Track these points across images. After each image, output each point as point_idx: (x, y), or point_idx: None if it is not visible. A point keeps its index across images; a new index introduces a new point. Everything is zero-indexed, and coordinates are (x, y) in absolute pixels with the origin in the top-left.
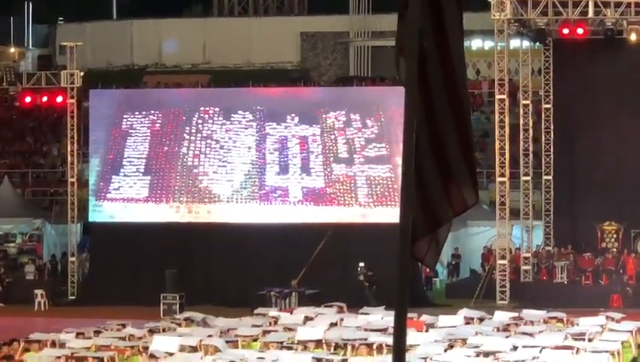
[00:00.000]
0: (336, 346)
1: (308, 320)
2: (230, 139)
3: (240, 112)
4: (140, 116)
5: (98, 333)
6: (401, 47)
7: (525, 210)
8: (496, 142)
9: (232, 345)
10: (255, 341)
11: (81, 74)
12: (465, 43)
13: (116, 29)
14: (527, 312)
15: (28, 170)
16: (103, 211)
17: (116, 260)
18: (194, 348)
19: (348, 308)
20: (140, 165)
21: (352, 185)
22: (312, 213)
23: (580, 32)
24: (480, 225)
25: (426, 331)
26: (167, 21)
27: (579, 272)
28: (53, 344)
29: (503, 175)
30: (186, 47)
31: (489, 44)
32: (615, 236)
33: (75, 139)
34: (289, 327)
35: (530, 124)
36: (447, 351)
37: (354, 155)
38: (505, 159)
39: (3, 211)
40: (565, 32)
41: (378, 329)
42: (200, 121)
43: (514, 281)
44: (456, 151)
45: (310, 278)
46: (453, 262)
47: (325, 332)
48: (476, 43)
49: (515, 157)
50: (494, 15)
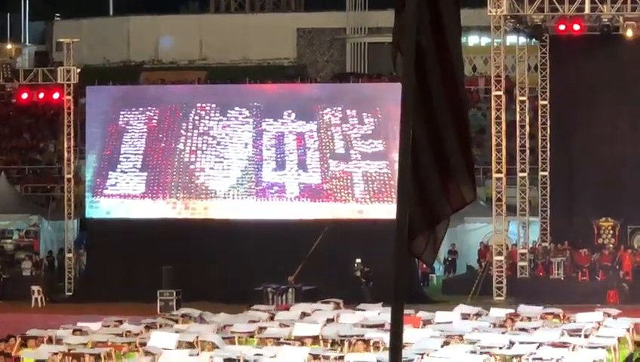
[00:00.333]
0: (333, 342)
1: (305, 316)
2: (227, 135)
3: (237, 108)
4: (137, 112)
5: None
6: (398, 43)
7: (522, 206)
8: (493, 139)
9: (229, 341)
10: (252, 337)
11: (78, 70)
12: (461, 39)
13: (113, 25)
14: (524, 308)
15: (25, 166)
16: (99, 207)
17: (113, 256)
18: (191, 344)
19: (344, 304)
20: (137, 161)
21: (349, 181)
22: (309, 209)
23: (577, 28)
24: (476, 221)
25: (423, 326)
26: (164, 17)
27: (575, 268)
28: (50, 340)
29: (499, 171)
30: (183, 44)
31: (485, 40)
32: (611, 232)
33: (72, 135)
34: (286, 324)
35: (527, 120)
36: (443, 346)
37: (350, 151)
38: (501, 155)
39: (0, 207)
40: (562, 28)
41: (375, 325)
42: (197, 118)
43: (510, 277)
44: (455, 148)
45: (307, 274)
46: (449, 258)
47: (322, 329)
48: (473, 39)
49: (512, 154)
50: (491, 11)
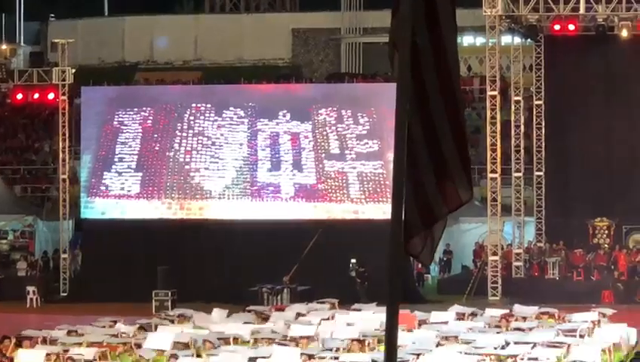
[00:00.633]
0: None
1: (300, 316)
2: (222, 135)
3: (232, 109)
4: (132, 113)
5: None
6: (395, 43)
7: (517, 206)
8: (488, 139)
9: (224, 341)
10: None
11: (73, 71)
12: (457, 39)
13: (108, 25)
14: (519, 308)
15: (20, 166)
16: (94, 208)
17: (108, 257)
18: (186, 345)
19: (339, 304)
20: (132, 162)
21: (344, 181)
22: (304, 209)
23: (572, 28)
24: (472, 221)
25: (419, 327)
26: (159, 18)
27: (570, 268)
28: (44, 341)
29: (494, 171)
30: (178, 44)
31: (480, 40)
32: (606, 232)
33: (67, 135)
34: (281, 324)
35: (522, 120)
36: (438, 346)
37: (345, 152)
38: (496, 155)
39: None
40: (557, 28)
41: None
42: (191, 118)
43: (505, 277)
44: (450, 148)
45: (302, 275)
46: (444, 258)
47: (317, 329)
48: (467, 39)
49: (507, 154)
50: (486, 11)
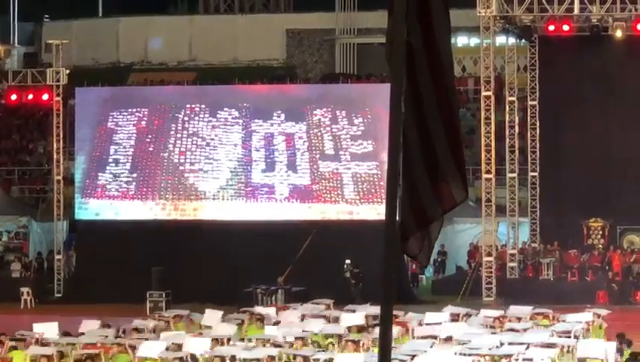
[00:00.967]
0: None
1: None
2: (216, 136)
3: (226, 109)
4: (126, 113)
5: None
6: (392, 43)
7: (511, 206)
8: (482, 139)
9: (218, 342)
10: (242, 339)
11: (67, 71)
12: (451, 40)
13: (102, 26)
14: (514, 309)
15: (14, 167)
16: (88, 209)
17: (102, 258)
18: (179, 346)
19: (334, 305)
20: (126, 163)
21: (339, 182)
22: (299, 210)
23: (566, 28)
24: (466, 221)
25: (412, 331)
26: (153, 18)
27: (565, 269)
28: (38, 341)
29: (489, 172)
30: (172, 45)
31: (475, 40)
32: (601, 232)
33: (61, 136)
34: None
35: (516, 120)
36: (432, 347)
37: (340, 152)
38: (491, 156)
39: None
40: (551, 28)
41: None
42: (186, 119)
43: (500, 278)
44: (445, 148)
45: (296, 275)
46: (439, 259)
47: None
48: (462, 40)
49: (501, 154)
50: (480, 12)
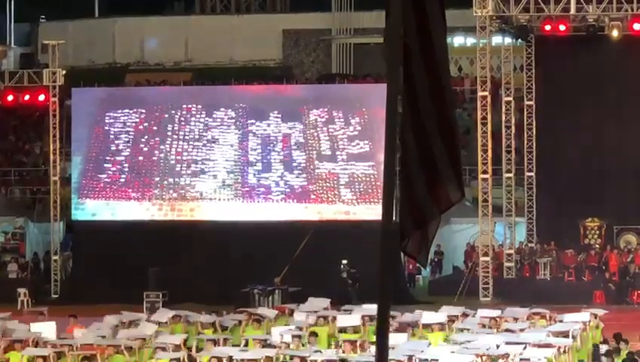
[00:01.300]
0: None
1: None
2: (213, 136)
3: (222, 110)
4: (123, 114)
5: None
6: (389, 43)
7: (508, 206)
8: (479, 139)
9: (214, 342)
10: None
11: (64, 72)
12: (447, 40)
13: (98, 27)
14: (511, 309)
15: (10, 168)
16: (85, 209)
17: (99, 258)
18: (177, 346)
19: (330, 305)
20: (123, 163)
21: (335, 182)
22: (295, 210)
23: (562, 28)
24: (463, 222)
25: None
26: (150, 19)
27: (562, 269)
28: (35, 342)
29: (485, 172)
30: (169, 45)
31: (471, 40)
32: (598, 232)
33: (58, 137)
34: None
35: (513, 120)
36: (429, 346)
37: (337, 153)
38: (487, 156)
39: None
40: (547, 28)
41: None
42: (182, 119)
43: (497, 278)
44: (440, 148)
45: (293, 276)
46: (435, 259)
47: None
48: (458, 40)
49: (498, 154)
50: (476, 12)
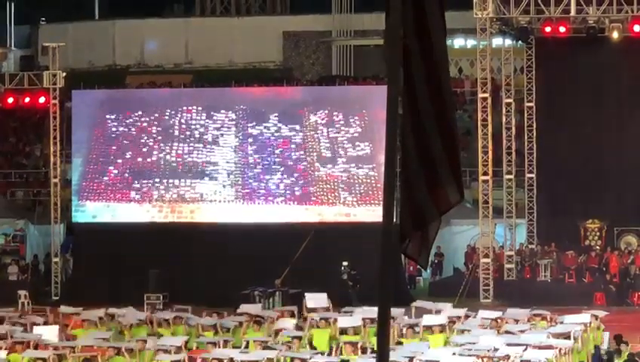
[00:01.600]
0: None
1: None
2: (213, 138)
3: (222, 112)
4: (123, 116)
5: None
6: (389, 45)
7: (508, 208)
8: (479, 141)
9: (216, 344)
10: (238, 344)
11: (64, 74)
12: (447, 41)
13: (98, 29)
14: (511, 310)
15: (11, 170)
16: (85, 211)
17: (99, 260)
18: (179, 348)
19: (331, 307)
20: (123, 165)
21: (336, 184)
22: (296, 212)
23: (563, 30)
24: (463, 223)
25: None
26: (149, 21)
27: (562, 270)
28: (35, 344)
29: (485, 173)
30: (168, 47)
31: (471, 42)
32: (598, 234)
33: (58, 139)
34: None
35: (513, 122)
36: (430, 348)
37: (337, 154)
38: (488, 158)
39: None
40: (547, 30)
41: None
42: (182, 121)
43: (497, 279)
44: (440, 150)
45: (294, 277)
46: (436, 261)
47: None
48: (458, 41)
49: (498, 156)
50: (477, 13)
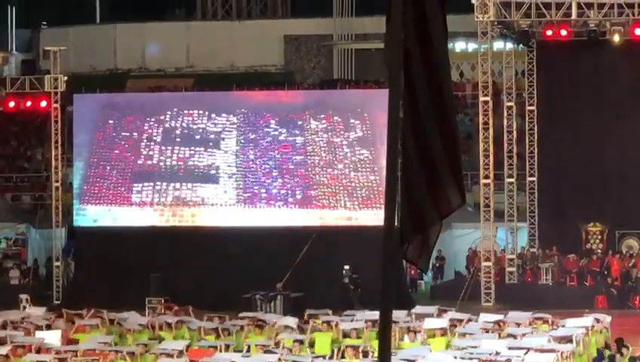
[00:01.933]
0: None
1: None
2: (214, 142)
3: (224, 115)
4: (124, 120)
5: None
6: (390, 48)
7: (510, 211)
8: (480, 144)
9: (217, 348)
10: (240, 348)
11: (65, 78)
12: (448, 45)
13: (99, 33)
14: (513, 314)
15: (12, 174)
16: (87, 215)
17: (101, 264)
18: (180, 352)
19: (333, 311)
20: (124, 169)
21: (337, 187)
22: (297, 215)
23: (564, 33)
24: (464, 227)
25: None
26: (151, 25)
27: (564, 273)
28: (38, 348)
29: (487, 177)
30: (170, 51)
31: (472, 46)
32: (600, 237)
33: (59, 143)
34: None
35: (514, 125)
36: (431, 351)
37: (338, 158)
38: (489, 161)
39: None
40: (549, 33)
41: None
42: (184, 125)
43: (499, 283)
44: (440, 153)
45: (295, 281)
46: (437, 264)
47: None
48: (459, 45)
49: (499, 159)
50: (478, 17)
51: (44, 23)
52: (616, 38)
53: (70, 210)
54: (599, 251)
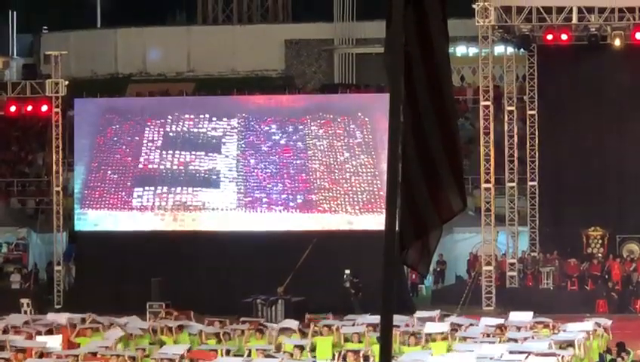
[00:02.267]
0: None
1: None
2: (215, 146)
3: (224, 120)
4: (125, 124)
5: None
6: (390, 52)
7: (511, 216)
8: (481, 149)
9: (218, 352)
10: (241, 352)
11: (66, 83)
12: (449, 49)
13: (100, 37)
14: (514, 318)
15: (13, 179)
16: (88, 219)
17: (102, 269)
18: (181, 356)
19: (334, 315)
20: (125, 173)
21: (338, 192)
22: (298, 220)
23: (564, 37)
24: (465, 231)
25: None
26: (151, 30)
27: (564, 278)
28: (39, 353)
29: (488, 181)
30: (171, 56)
31: (473, 50)
32: (600, 241)
33: (60, 147)
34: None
35: (515, 130)
36: (432, 356)
37: (339, 162)
38: (490, 165)
39: None
40: (549, 38)
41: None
42: (185, 129)
43: (500, 287)
44: (441, 157)
45: (296, 286)
46: (438, 269)
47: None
48: (460, 49)
49: (500, 164)
50: (478, 21)
51: (45, 27)
52: (617, 42)
53: (71, 214)
54: (600, 255)
